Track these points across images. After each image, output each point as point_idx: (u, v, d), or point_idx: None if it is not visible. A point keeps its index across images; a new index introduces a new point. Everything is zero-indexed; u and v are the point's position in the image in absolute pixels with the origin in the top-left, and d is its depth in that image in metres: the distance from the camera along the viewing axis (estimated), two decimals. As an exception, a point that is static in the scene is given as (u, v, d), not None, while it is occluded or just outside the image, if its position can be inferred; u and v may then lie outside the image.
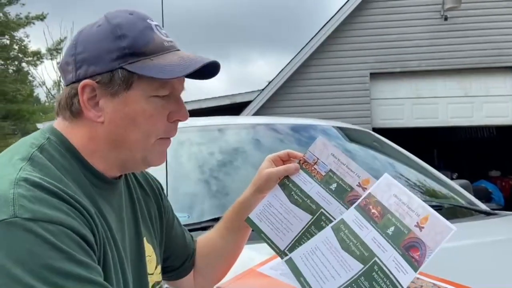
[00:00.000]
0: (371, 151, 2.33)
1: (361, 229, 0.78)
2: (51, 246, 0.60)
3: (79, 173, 0.73)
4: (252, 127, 2.24)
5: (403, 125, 7.74)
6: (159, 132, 0.76)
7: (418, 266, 0.70)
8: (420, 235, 0.73)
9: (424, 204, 0.76)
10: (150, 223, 0.88)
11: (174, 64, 0.73)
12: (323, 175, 0.87)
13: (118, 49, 0.72)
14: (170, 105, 0.76)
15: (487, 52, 7.39)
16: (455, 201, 1.93)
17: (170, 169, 1.81)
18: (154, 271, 0.86)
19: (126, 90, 0.73)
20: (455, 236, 1.43)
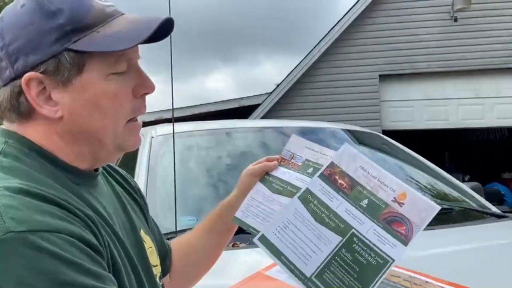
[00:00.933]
0: (380, 154, 2.32)
1: (330, 200, 0.78)
2: (58, 260, 0.53)
3: (54, 172, 0.64)
4: (259, 130, 2.24)
5: (413, 127, 7.68)
6: (128, 112, 0.67)
7: (407, 240, 0.71)
8: (402, 211, 0.73)
9: (397, 180, 0.76)
10: (142, 216, 0.83)
11: (126, 31, 0.64)
12: (300, 165, 0.89)
13: (57, 28, 0.62)
14: (131, 80, 0.67)
15: (497, 53, 7.31)
16: (466, 204, 1.91)
17: (177, 173, 1.82)
18: (157, 261, 0.82)
19: (79, 74, 0.63)
20: (466, 239, 1.42)
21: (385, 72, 7.59)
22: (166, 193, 1.60)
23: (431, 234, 1.48)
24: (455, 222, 1.67)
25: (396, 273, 0.95)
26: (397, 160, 2.23)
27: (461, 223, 1.65)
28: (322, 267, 0.73)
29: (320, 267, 0.73)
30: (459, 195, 2.00)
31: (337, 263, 0.73)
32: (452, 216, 1.71)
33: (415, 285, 0.89)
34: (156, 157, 1.79)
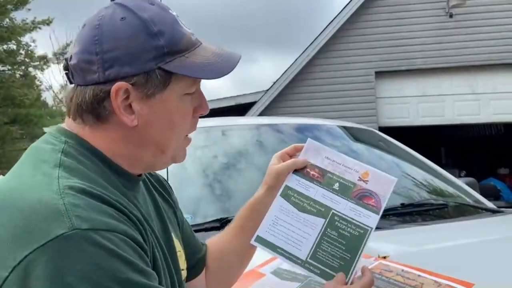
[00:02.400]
0: (376, 150, 2.33)
1: (307, 190, 0.88)
2: (117, 258, 0.58)
3: (109, 175, 0.70)
4: (256, 127, 2.25)
5: (409, 123, 7.70)
6: (188, 129, 0.76)
7: (378, 210, 0.84)
8: (368, 187, 0.86)
9: (358, 162, 0.88)
10: (173, 220, 0.88)
11: (212, 62, 0.72)
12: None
13: (156, 48, 0.68)
14: (195, 101, 0.75)
15: (493, 49, 7.34)
16: (461, 199, 1.92)
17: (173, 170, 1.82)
18: (185, 265, 0.86)
19: (162, 91, 0.70)
20: (460, 234, 1.43)
21: (381, 69, 7.60)
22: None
23: (425, 229, 1.50)
24: (450, 217, 1.68)
25: (390, 267, 0.96)
26: (392, 156, 2.24)
27: (456, 219, 1.66)
28: (314, 248, 0.84)
29: (312, 249, 0.84)
30: (454, 191, 2.01)
31: (326, 242, 0.84)
32: (447, 212, 1.72)
33: (408, 279, 0.90)
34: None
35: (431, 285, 0.86)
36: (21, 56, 15.93)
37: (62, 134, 0.71)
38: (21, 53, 15.91)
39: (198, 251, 0.97)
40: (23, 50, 15.94)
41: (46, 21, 15.26)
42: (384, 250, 1.13)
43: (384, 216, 1.59)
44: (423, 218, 1.63)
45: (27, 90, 15.20)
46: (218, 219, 1.49)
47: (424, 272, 0.91)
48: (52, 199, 0.60)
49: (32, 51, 16.04)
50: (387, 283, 0.90)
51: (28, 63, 16.26)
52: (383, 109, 7.70)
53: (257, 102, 7.83)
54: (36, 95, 16.55)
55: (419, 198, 1.85)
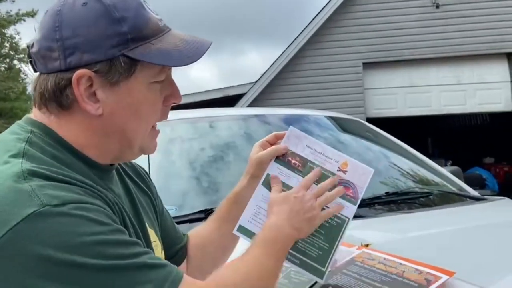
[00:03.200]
0: (362, 141, 2.33)
1: (289, 178, 0.87)
2: (93, 222, 0.60)
3: (76, 164, 0.69)
4: (242, 118, 2.23)
5: (396, 114, 7.75)
6: (157, 119, 0.74)
7: (355, 200, 0.85)
8: (347, 177, 0.86)
9: (338, 152, 0.89)
10: (148, 210, 0.87)
11: (179, 48, 0.70)
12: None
13: (119, 34, 0.67)
14: (165, 89, 0.74)
15: (479, 39, 7.39)
16: (446, 187, 1.93)
17: (156, 162, 1.80)
18: (161, 256, 0.85)
19: (127, 79, 0.68)
20: (443, 222, 1.44)
21: (368, 60, 7.62)
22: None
23: (409, 217, 1.51)
24: (434, 205, 1.69)
25: (372, 256, 0.96)
26: (378, 145, 2.25)
27: (440, 206, 1.67)
28: None
29: None
30: (439, 180, 2.02)
31: None
32: (431, 200, 1.73)
33: (389, 267, 0.90)
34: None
35: (412, 273, 0.86)
36: (6, 48, 15.65)
37: (28, 124, 0.71)
38: (5, 46, 15.63)
39: (178, 241, 0.96)
40: (7, 43, 15.66)
41: (31, 13, 14.98)
42: (367, 238, 1.13)
43: (369, 205, 1.60)
44: (407, 206, 1.63)
45: (12, 84, 14.95)
46: (202, 210, 1.48)
47: (405, 260, 0.91)
48: (18, 184, 0.60)
49: (16, 44, 15.77)
50: (369, 271, 0.90)
51: (13, 56, 15.98)
52: (371, 100, 7.73)
53: (245, 94, 7.80)
54: (22, 88, 16.29)
55: (404, 186, 1.86)
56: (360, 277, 0.89)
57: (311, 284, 0.91)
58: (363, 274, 0.89)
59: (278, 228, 0.77)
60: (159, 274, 0.62)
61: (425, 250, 1.09)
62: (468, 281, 0.86)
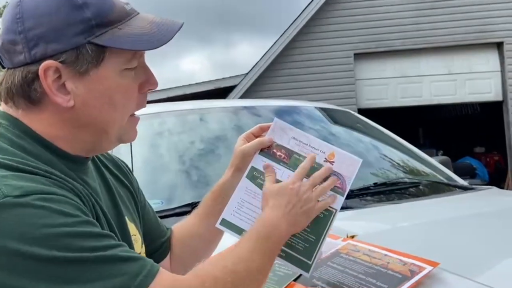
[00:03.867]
0: (351, 131, 2.33)
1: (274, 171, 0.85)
2: (57, 213, 0.57)
3: (47, 156, 0.66)
4: (231, 110, 2.21)
5: (388, 105, 7.76)
6: (133, 107, 0.72)
7: (343, 191, 0.83)
8: (334, 168, 0.84)
9: (325, 143, 0.87)
10: (129, 203, 0.85)
11: (148, 32, 0.67)
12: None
13: (82, 21, 0.64)
14: (139, 76, 0.71)
15: (469, 28, 7.40)
16: (434, 177, 1.93)
17: (143, 156, 1.78)
18: (141, 250, 0.84)
19: (97, 67, 0.66)
20: (430, 212, 1.43)
21: (360, 51, 7.60)
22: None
23: (397, 207, 1.50)
24: (422, 195, 1.68)
25: (357, 247, 0.95)
26: (367, 136, 2.24)
27: (428, 196, 1.67)
28: None
29: None
30: (428, 169, 2.02)
31: None
32: (419, 190, 1.73)
33: (374, 259, 0.89)
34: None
35: (396, 264, 0.85)
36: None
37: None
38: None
39: (162, 235, 0.95)
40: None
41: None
42: (353, 229, 1.12)
43: (357, 196, 1.59)
44: (395, 197, 1.63)
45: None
46: (189, 203, 1.46)
47: (390, 252, 0.90)
48: None
49: None
50: (353, 263, 0.89)
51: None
52: (362, 91, 7.73)
53: (236, 86, 7.75)
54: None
55: (393, 177, 1.85)
56: (344, 269, 0.88)
57: (295, 276, 0.90)
58: (347, 266, 0.88)
59: (273, 224, 0.74)
60: (132, 267, 0.60)
61: (412, 241, 1.08)
62: (453, 272, 0.85)
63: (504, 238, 1.09)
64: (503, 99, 7.52)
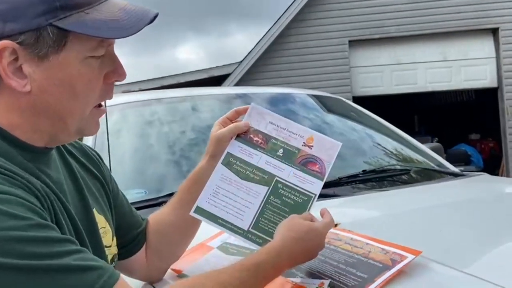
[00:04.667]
0: (342, 118, 2.30)
1: (250, 157, 0.84)
2: (8, 215, 0.53)
3: (3, 146, 0.63)
4: (222, 98, 2.17)
5: (383, 92, 7.72)
6: (97, 98, 0.68)
7: (322, 176, 0.83)
8: (313, 152, 0.84)
9: (303, 127, 0.86)
10: (98, 194, 0.81)
11: (117, 19, 0.64)
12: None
13: (45, 1, 0.61)
14: (106, 65, 0.68)
15: (465, 15, 7.34)
16: (424, 164, 1.90)
17: (129, 145, 1.74)
18: (112, 242, 0.81)
19: (58, 52, 0.62)
20: (418, 199, 1.41)
21: (354, 38, 7.54)
22: (115, 167, 1.53)
23: (384, 195, 1.47)
24: (412, 182, 1.66)
25: (339, 236, 0.93)
26: (359, 123, 2.21)
27: (417, 183, 1.64)
28: (256, 217, 0.81)
29: (255, 218, 0.81)
30: (419, 156, 1.99)
31: (269, 210, 0.81)
32: (409, 177, 1.70)
33: (355, 247, 0.86)
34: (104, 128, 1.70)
35: (378, 253, 0.83)
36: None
37: None
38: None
39: (137, 226, 0.92)
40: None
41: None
42: (338, 218, 1.09)
43: (346, 183, 1.57)
44: (384, 184, 1.60)
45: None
46: (171, 193, 1.43)
47: (372, 240, 0.88)
48: None
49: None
50: (334, 252, 0.87)
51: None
52: (357, 78, 7.68)
53: (230, 74, 7.69)
54: None
55: (383, 164, 1.83)
56: (325, 258, 0.85)
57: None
58: (328, 255, 0.86)
59: (279, 260, 0.72)
60: (84, 278, 0.55)
61: (396, 229, 1.06)
62: (436, 260, 0.82)
63: (490, 226, 1.07)
64: (498, 85, 7.50)
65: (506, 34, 7.30)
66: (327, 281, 0.78)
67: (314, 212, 0.83)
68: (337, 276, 0.79)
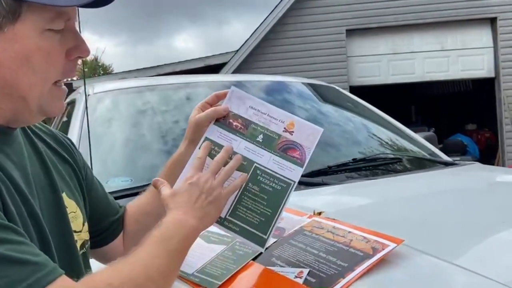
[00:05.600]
0: (334, 106, 2.27)
1: (229, 142, 0.81)
2: None
3: None
4: (215, 85, 2.14)
5: (380, 82, 7.68)
6: (57, 74, 0.66)
7: (302, 162, 0.80)
8: (293, 138, 0.81)
9: (284, 112, 0.83)
10: (69, 179, 0.79)
11: None
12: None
13: None
14: (67, 40, 0.66)
15: (463, 4, 7.28)
16: (416, 153, 1.89)
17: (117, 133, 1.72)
18: (82, 228, 0.79)
19: (13, 23, 0.60)
20: (406, 188, 1.39)
21: (352, 27, 7.48)
22: (100, 154, 1.50)
23: (372, 183, 1.46)
24: (402, 171, 1.64)
25: (321, 225, 0.91)
26: (352, 112, 2.19)
27: (407, 172, 1.62)
28: (234, 205, 0.78)
29: (232, 206, 0.78)
30: (411, 145, 1.98)
31: (247, 197, 0.79)
32: (399, 165, 1.68)
33: (337, 236, 0.85)
34: (92, 116, 1.67)
35: (359, 242, 0.81)
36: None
37: None
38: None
39: (113, 213, 0.90)
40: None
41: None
42: (324, 207, 1.08)
43: (335, 172, 1.55)
44: (374, 173, 1.58)
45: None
46: (158, 181, 1.41)
47: (355, 229, 0.86)
48: None
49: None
50: (315, 240, 0.85)
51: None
52: (354, 68, 7.63)
53: (227, 63, 7.63)
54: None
55: (374, 153, 1.81)
56: (306, 247, 0.83)
57: (254, 255, 0.85)
58: (309, 243, 0.84)
59: (177, 223, 0.69)
60: (13, 271, 0.52)
61: (381, 217, 1.04)
62: (418, 249, 0.81)
63: (478, 215, 1.05)
64: (495, 75, 7.47)
65: (504, 24, 7.25)
66: (306, 269, 0.77)
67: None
68: (317, 265, 0.77)
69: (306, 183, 1.35)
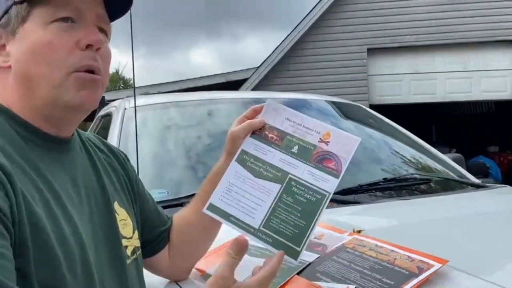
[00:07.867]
0: (361, 125, 2.29)
1: (264, 154, 0.83)
2: None
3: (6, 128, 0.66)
4: (238, 102, 2.18)
5: (400, 101, 7.67)
6: (68, 63, 0.68)
7: (338, 173, 0.79)
8: (329, 149, 0.81)
9: (320, 122, 0.83)
10: (121, 190, 0.84)
11: None
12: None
13: None
14: (78, 32, 0.69)
15: (486, 25, 7.26)
16: (446, 174, 1.89)
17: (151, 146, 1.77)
18: (133, 235, 0.82)
19: (22, 24, 0.69)
20: (440, 209, 1.40)
21: (373, 46, 7.51)
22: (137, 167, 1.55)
23: (406, 203, 1.46)
24: (433, 192, 1.64)
25: (363, 242, 0.93)
26: (379, 131, 2.20)
27: (439, 193, 1.62)
28: (268, 216, 0.79)
29: (266, 217, 0.79)
30: (440, 166, 1.97)
31: (280, 209, 0.79)
32: (430, 186, 1.68)
33: (381, 254, 0.86)
34: (128, 129, 1.73)
35: (404, 261, 0.82)
36: None
37: None
38: None
39: (161, 224, 0.94)
40: None
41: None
42: (361, 224, 1.09)
43: (366, 191, 1.56)
44: (405, 193, 1.59)
45: None
46: (193, 194, 1.45)
47: (398, 248, 0.87)
48: None
49: None
50: (359, 258, 0.87)
51: None
52: (374, 86, 7.64)
53: (248, 79, 7.73)
54: None
55: (403, 173, 1.82)
56: (350, 264, 0.85)
57: (299, 270, 0.87)
58: (353, 261, 0.86)
59: None
60: None
61: (420, 237, 1.05)
62: (462, 270, 0.82)
63: (517, 237, 1.05)
64: (519, 97, 7.38)
65: (528, 46, 7.20)
66: (352, 286, 0.78)
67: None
68: (363, 282, 0.79)
69: (338, 201, 1.37)
